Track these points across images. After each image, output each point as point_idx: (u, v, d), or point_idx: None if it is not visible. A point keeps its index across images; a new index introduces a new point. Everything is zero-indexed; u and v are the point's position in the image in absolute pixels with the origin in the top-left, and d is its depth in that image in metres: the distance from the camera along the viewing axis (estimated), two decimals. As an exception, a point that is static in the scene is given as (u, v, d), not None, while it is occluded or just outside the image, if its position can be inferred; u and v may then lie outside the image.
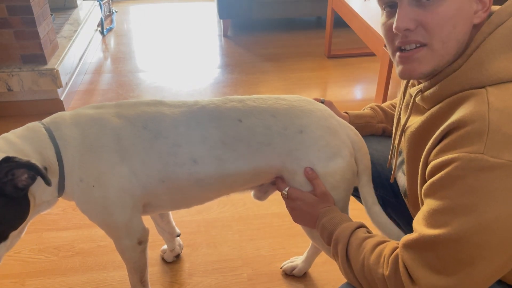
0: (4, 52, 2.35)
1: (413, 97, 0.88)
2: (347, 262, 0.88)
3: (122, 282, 1.48)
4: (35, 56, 2.38)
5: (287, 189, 1.06)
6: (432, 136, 0.79)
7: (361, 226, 0.93)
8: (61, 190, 1.06)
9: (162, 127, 1.06)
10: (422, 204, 0.80)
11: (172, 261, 1.56)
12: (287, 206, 1.09)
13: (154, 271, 1.53)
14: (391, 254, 0.80)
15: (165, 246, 1.58)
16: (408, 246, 0.77)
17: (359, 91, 2.78)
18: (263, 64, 3.11)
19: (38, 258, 1.59)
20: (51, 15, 2.67)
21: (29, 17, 2.27)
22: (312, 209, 1.02)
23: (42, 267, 1.55)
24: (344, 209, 1.11)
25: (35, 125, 1.06)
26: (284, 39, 3.53)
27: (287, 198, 1.07)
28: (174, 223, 1.51)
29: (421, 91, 0.85)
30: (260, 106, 1.08)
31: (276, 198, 1.24)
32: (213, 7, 4.23)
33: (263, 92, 2.70)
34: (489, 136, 0.69)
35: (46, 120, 1.08)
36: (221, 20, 3.59)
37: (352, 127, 1.13)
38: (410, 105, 0.90)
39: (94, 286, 1.48)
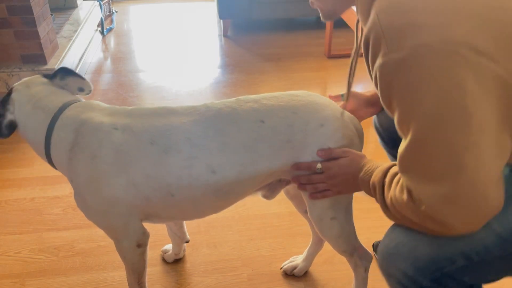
0: (4, 52, 2.35)
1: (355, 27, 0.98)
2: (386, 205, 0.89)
3: (122, 282, 1.48)
4: (35, 56, 2.38)
5: (319, 164, 1.04)
6: None
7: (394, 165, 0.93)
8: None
9: (172, 141, 1.02)
10: None
11: (172, 262, 1.56)
12: (323, 181, 1.06)
13: (154, 271, 1.53)
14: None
15: (166, 247, 1.58)
16: (399, 164, 0.81)
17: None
18: (263, 64, 3.10)
19: (38, 258, 1.59)
20: (51, 15, 2.67)
21: (29, 17, 2.28)
22: (352, 165, 1.02)
23: (42, 267, 1.55)
24: (349, 205, 1.13)
25: (53, 108, 1.09)
26: (284, 39, 3.53)
27: (321, 173, 1.05)
28: (185, 229, 1.51)
29: (358, 20, 0.92)
30: (278, 105, 1.08)
31: (276, 198, 1.24)
32: (213, 7, 4.23)
33: (263, 93, 2.69)
34: (385, 36, 0.74)
35: (73, 107, 1.09)
36: (221, 20, 3.59)
37: (354, 117, 1.15)
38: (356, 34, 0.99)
39: (94, 286, 1.48)
